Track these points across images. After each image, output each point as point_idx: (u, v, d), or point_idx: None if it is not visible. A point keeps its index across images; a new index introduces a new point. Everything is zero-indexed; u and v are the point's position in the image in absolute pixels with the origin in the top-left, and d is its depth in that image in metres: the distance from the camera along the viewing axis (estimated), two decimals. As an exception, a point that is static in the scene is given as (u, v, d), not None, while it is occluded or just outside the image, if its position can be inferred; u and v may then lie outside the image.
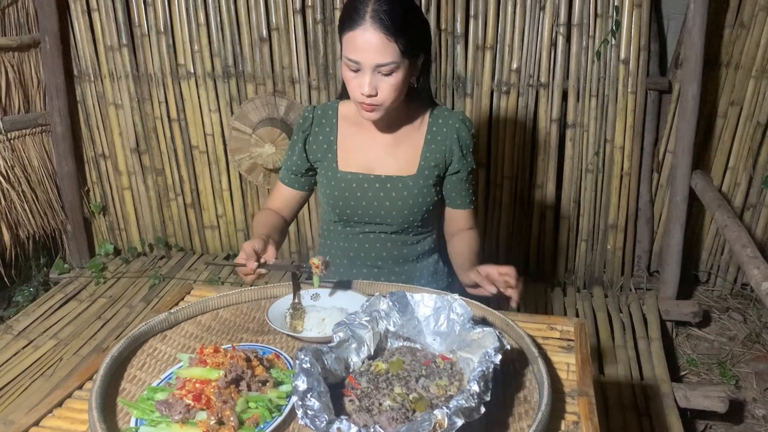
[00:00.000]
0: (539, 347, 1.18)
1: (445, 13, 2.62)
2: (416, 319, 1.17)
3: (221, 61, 2.83)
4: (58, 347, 2.48)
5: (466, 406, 0.88)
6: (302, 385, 0.91)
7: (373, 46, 1.34)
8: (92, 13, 2.86)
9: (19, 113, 2.84)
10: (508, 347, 1.03)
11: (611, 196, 2.76)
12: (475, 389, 0.91)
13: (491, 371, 0.96)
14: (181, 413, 0.97)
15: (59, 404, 1.08)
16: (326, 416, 0.87)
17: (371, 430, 0.86)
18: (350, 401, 0.99)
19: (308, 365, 0.95)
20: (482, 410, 0.90)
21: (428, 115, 1.57)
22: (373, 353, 1.10)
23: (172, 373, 1.10)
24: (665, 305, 2.63)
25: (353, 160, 1.56)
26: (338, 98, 1.62)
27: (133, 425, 0.98)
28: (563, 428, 1.01)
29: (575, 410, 1.05)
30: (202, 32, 2.80)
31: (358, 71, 1.38)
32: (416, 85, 1.50)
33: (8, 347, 2.46)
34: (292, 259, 3.16)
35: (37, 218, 2.91)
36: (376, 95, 1.39)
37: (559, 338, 1.27)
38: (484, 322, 1.28)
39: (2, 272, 2.75)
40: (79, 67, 2.95)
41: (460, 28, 2.64)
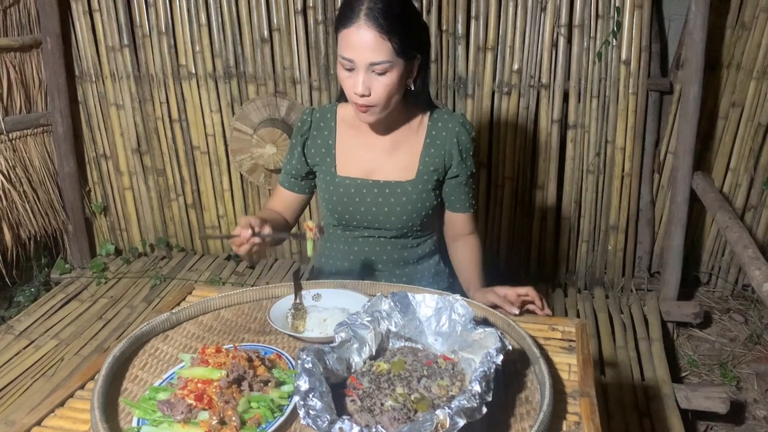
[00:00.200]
0: (541, 348, 1.19)
1: (446, 13, 2.62)
2: (418, 319, 1.17)
3: (222, 61, 2.83)
4: (59, 347, 2.48)
5: (467, 406, 0.88)
6: (304, 385, 0.91)
7: (366, 44, 1.33)
8: (94, 13, 2.86)
9: (20, 113, 2.84)
10: (509, 348, 1.03)
11: (612, 197, 2.76)
12: (476, 389, 0.91)
13: (493, 372, 0.96)
14: (183, 413, 0.97)
15: (61, 404, 1.08)
16: (328, 416, 0.87)
17: (373, 430, 0.86)
18: (352, 401, 0.99)
19: (310, 365, 0.95)
20: (484, 410, 0.90)
21: (427, 118, 1.55)
22: (374, 353, 1.10)
23: (173, 373, 1.11)
24: (666, 306, 2.63)
25: (351, 164, 1.55)
26: (337, 100, 1.61)
27: (135, 425, 0.99)
28: (565, 429, 1.01)
29: (577, 411, 1.05)
30: (203, 33, 2.80)
31: (352, 70, 1.38)
32: (413, 87, 1.48)
33: (9, 347, 2.46)
34: (293, 260, 3.16)
35: (38, 218, 2.91)
36: (369, 95, 1.38)
37: (560, 339, 1.27)
38: (485, 322, 1.28)
39: (3, 272, 2.75)
40: (80, 67, 2.95)
41: (461, 28, 2.64)
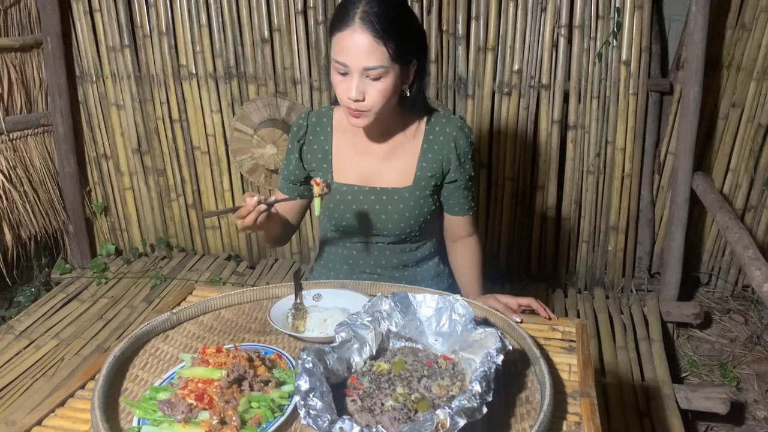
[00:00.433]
0: (541, 348, 1.19)
1: (446, 14, 2.62)
2: (418, 319, 1.17)
3: (223, 61, 2.84)
4: (59, 347, 2.48)
5: (468, 406, 0.88)
6: (305, 385, 0.91)
7: (361, 48, 1.31)
8: (94, 13, 2.86)
9: (21, 113, 2.84)
10: (510, 348, 1.03)
11: (612, 197, 2.76)
12: (477, 389, 0.91)
13: (493, 372, 0.96)
14: (183, 413, 0.97)
15: (62, 404, 1.08)
16: (329, 416, 0.87)
17: (373, 430, 0.86)
18: (352, 401, 0.99)
19: (311, 365, 0.95)
20: (484, 410, 0.90)
21: (424, 123, 1.53)
22: (375, 353, 1.10)
23: (174, 372, 1.11)
24: (666, 306, 2.63)
25: (348, 171, 1.53)
26: (332, 103, 1.59)
27: (135, 425, 0.99)
28: (565, 429, 1.01)
29: (577, 411, 1.05)
30: (204, 33, 2.81)
31: (346, 74, 1.35)
32: (408, 93, 1.45)
33: (10, 347, 2.46)
34: (293, 260, 3.16)
35: (38, 218, 2.91)
36: (363, 100, 1.35)
37: (560, 339, 1.28)
38: (485, 322, 1.28)
39: (4, 272, 2.75)
40: (81, 67, 2.96)
41: (461, 29, 2.64)
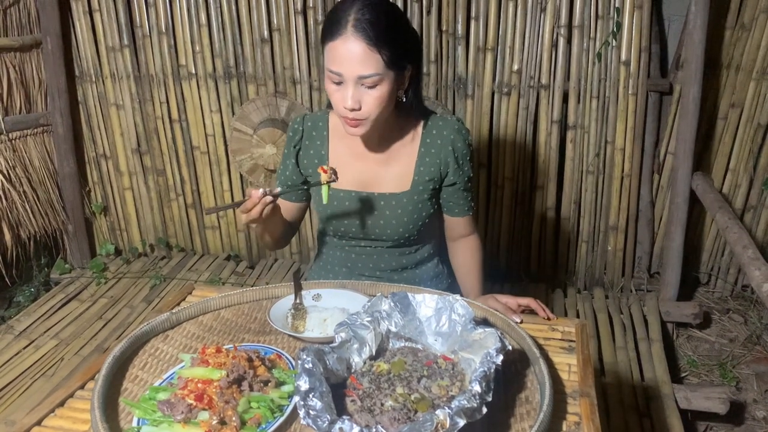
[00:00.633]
0: (540, 348, 1.19)
1: (445, 14, 2.62)
2: (418, 319, 1.17)
3: (222, 61, 2.83)
4: (59, 347, 2.48)
5: (468, 406, 0.88)
6: (304, 385, 0.91)
7: (355, 56, 1.29)
8: (94, 13, 2.86)
9: (20, 113, 2.84)
10: (509, 348, 1.03)
11: (612, 197, 2.76)
12: (476, 390, 0.91)
13: (493, 372, 0.97)
14: (183, 413, 0.97)
15: (61, 404, 1.08)
16: (328, 416, 0.87)
17: (373, 430, 0.86)
18: (352, 401, 0.99)
19: (310, 365, 0.95)
20: (484, 410, 0.90)
21: (421, 127, 1.52)
22: (374, 354, 1.10)
23: (174, 373, 1.11)
24: (666, 306, 2.63)
25: (346, 176, 1.51)
26: (328, 107, 1.58)
27: (135, 425, 0.99)
28: (565, 429, 1.01)
29: (577, 411, 1.05)
30: (203, 33, 2.80)
31: (340, 84, 1.34)
32: (404, 99, 1.44)
33: (9, 347, 2.46)
34: (293, 260, 3.16)
35: (38, 218, 2.91)
36: (359, 109, 1.34)
37: (560, 339, 1.28)
38: (485, 322, 1.28)
39: (3, 272, 2.75)
40: (80, 67, 2.95)
41: (461, 29, 2.64)
